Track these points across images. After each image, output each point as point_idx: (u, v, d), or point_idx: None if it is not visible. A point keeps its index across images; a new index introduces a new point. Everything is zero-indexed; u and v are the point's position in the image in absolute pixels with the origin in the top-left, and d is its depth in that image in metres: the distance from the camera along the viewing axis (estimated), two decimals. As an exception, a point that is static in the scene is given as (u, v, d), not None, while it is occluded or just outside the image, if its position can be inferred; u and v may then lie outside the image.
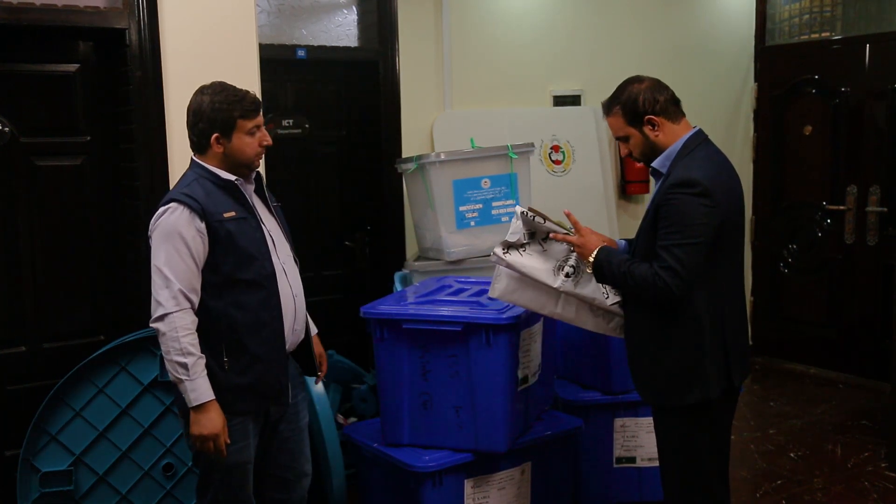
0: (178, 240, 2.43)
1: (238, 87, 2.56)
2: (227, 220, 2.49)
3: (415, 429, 3.04)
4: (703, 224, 2.32)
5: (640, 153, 2.53)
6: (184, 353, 2.40)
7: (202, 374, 2.43)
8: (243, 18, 3.34)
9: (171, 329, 2.40)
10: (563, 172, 4.99)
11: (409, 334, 2.98)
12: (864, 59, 5.24)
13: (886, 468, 4.03)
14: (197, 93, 2.55)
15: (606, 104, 2.55)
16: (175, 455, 3.12)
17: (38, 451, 2.97)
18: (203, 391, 2.42)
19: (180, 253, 2.42)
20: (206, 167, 2.54)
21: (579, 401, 3.49)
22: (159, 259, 2.44)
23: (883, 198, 5.18)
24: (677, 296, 2.33)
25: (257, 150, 2.57)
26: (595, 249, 2.49)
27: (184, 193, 2.47)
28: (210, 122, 2.50)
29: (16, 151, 3.20)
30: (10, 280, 3.23)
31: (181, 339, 2.40)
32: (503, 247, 2.63)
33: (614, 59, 5.18)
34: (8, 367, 3.23)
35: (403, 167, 4.08)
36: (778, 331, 5.81)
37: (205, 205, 2.46)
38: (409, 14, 4.42)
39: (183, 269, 2.43)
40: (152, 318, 2.44)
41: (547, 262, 2.63)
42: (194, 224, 2.44)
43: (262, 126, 2.58)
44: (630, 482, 3.56)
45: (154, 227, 2.48)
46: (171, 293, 2.41)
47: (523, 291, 2.68)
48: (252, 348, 2.51)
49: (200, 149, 2.56)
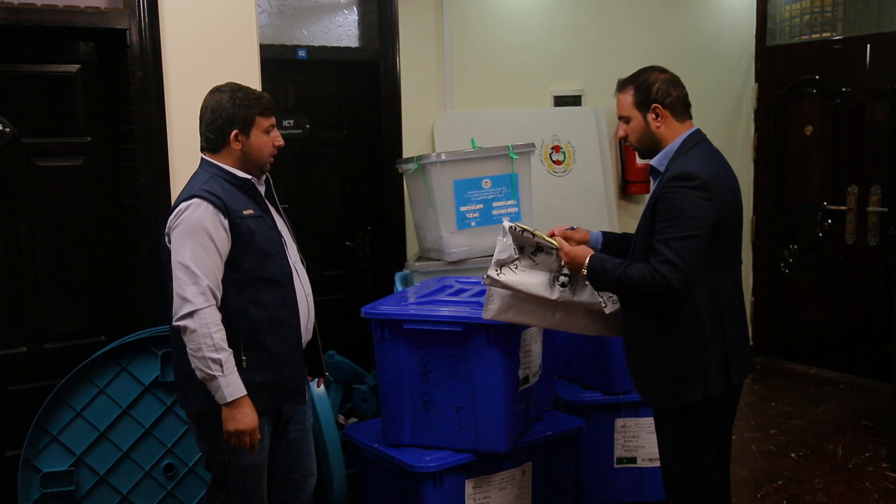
0: (204, 235, 2.40)
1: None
2: (247, 217, 2.49)
3: (415, 429, 3.04)
4: (701, 217, 2.31)
5: (636, 139, 2.52)
6: (217, 349, 2.36)
7: (234, 370, 2.41)
8: (244, 19, 3.34)
9: (203, 325, 2.35)
10: (563, 172, 4.99)
11: (409, 334, 2.98)
12: (865, 60, 5.24)
13: (887, 468, 4.02)
14: (213, 91, 2.55)
15: (622, 81, 2.55)
16: (176, 455, 3.12)
17: (39, 452, 2.97)
18: (236, 386, 2.40)
19: (206, 248, 2.40)
20: (220, 166, 2.54)
21: (580, 401, 3.49)
22: (184, 255, 2.38)
23: (884, 198, 5.18)
24: (678, 290, 2.31)
25: (271, 149, 2.58)
26: (586, 259, 2.47)
27: (204, 190, 2.44)
28: (230, 119, 2.50)
29: (16, 152, 3.20)
30: (11, 280, 3.23)
31: (213, 335, 2.36)
32: (496, 267, 2.56)
33: (615, 60, 5.18)
34: (9, 367, 3.23)
35: (404, 167, 4.08)
36: (779, 331, 5.81)
37: (226, 201, 2.45)
38: (410, 14, 4.42)
39: (209, 264, 2.40)
40: (178, 316, 2.37)
41: (541, 275, 2.59)
42: (218, 219, 2.42)
43: (276, 127, 2.60)
44: (631, 482, 3.56)
45: (176, 223, 2.43)
46: (200, 289, 2.37)
47: (518, 309, 2.65)
48: (270, 346, 2.51)
49: (216, 147, 2.54)
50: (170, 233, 2.45)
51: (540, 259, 2.58)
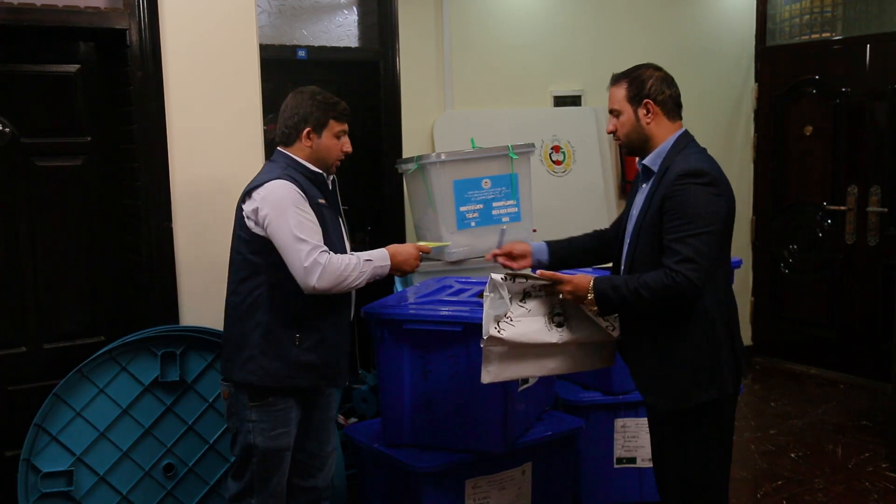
0: (295, 206, 2.54)
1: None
2: (322, 205, 2.66)
3: (415, 429, 3.04)
4: (714, 213, 2.30)
5: (625, 133, 2.50)
6: (353, 269, 2.56)
7: (369, 255, 2.63)
8: (244, 19, 3.34)
9: (334, 272, 2.52)
10: (563, 173, 4.99)
11: (409, 335, 2.98)
12: (865, 60, 5.24)
13: (887, 468, 4.03)
14: (296, 92, 2.73)
15: (616, 75, 2.54)
16: (176, 455, 3.12)
17: (39, 452, 2.97)
18: (378, 255, 2.65)
19: (303, 214, 2.54)
20: (294, 158, 2.70)
21: (580, 401, 3.49)
22: (287, 228, 2.51)
23: (883, 198, 5.18)
24: (699, 288, 2.27)
25: (339, 153, 2.75)
26: (588, 284, 2.38)
27: (286, 174, 2.60)
28: (305, 117, 2.68)
29: (16, 152, 3.20)
30: (11, 280, 3.22)
31: (342, 267, 2.53)
32: (494, 323, 2.41)
33: (615, 60, 5.13)
34: (8, 367, 3.23)
35: (404, 167, 4.08)
36: (778, 331, 5.81)
37: (304, 187, 2.61)
38: (410, 14, 4.42)
39: (310, 226, 2.55)
40: (310, 285, 2.51)
41: (537, 320, 2.48)
42: (302, 197, 2.57)
43: (347, 134, 2.75)
44: (631, 482, 3.56)
45: (265, 204, 2.54)
46: (310, 248, 2.51)
47: (517, 363, 2.51)
48: (324, 330, 2.66)
49: (289, 140, 2.71)
50: (261, 212, 2.55)
51: (531, 305, 2.48)
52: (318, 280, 2.50)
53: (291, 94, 2.74)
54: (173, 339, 3.10)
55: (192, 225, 3.25)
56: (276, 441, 2.66)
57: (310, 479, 2.87)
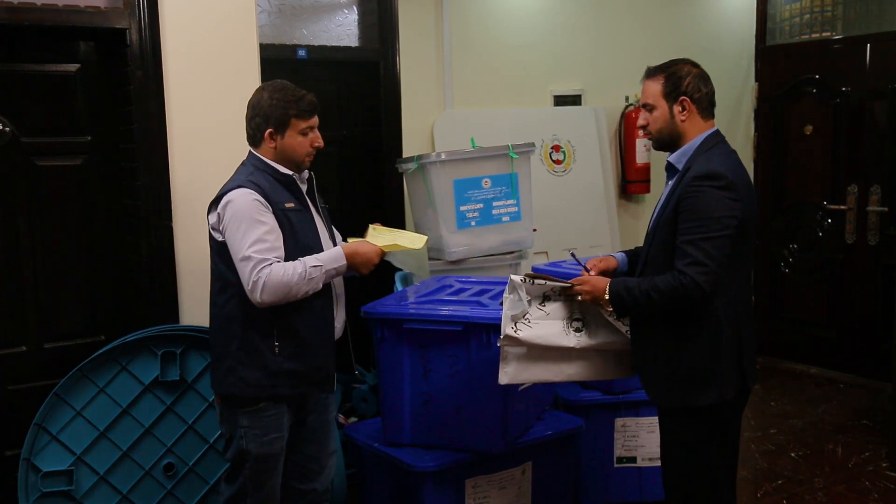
0: (254, 219, 2.48)
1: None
2: (289, 209, 2.58)
3: (415, 429, 3.04)
4: (728, 217, 2.28)
5: (657, 129, 2.47)
6: (297, 274, 2.46)
7: (317, 260, 2.53)
8: (244, 18, 3.34)
9: (276, 280, 2.44)
10: (563, 172, 4.99)
11: (409, 334, 2.98)
12: (865, 59, 5.24)
13: (887, 468, 4.02)
14: (258, 90, 2.65)
15: (652, 68, 2.51)
16: (176, 455, 3.12)
17: (39, 451, 2.97)
18: (330, 257, 2.57)
19: (260, 227, 2.48)
20: (263, 160, 2.63)
21: (580, 400, 3.49)
22: (243, 244, 2.46)
23: (884, 197, 5.18)
24: (707, 292, 2.26)
25: (308, 150, 2.65)
26: (605, 285, 2.40)
27: (249, 181, 2.54)
28: (265, 118, 2.59)
29: (16, 151, 3.20)
30: (11, 280, 3.22)
31: (284, 274, 2.45)
32: (511, 323, 2.43)
33: (615, 60, 5.19)
34: (8, 366, 3.23)
35: (404, 167, 4.08)
36: (778, 331, 5.81)
37: (268, 192, 2.54)
38: (410, 14, 4.42)
39: (268, 238, 2.49)
40: (255, 298, 2.45)
41: (555, 323, 2.50)
42: (264, 206, 2.51)
43: (316, 128, 2.66)
44: (631, 482, 3.56)
45: (226, 212, 2.50)
46: (254, 263, 2.45)
47: (535, 366, 2.52)
48: (303, 335, 2.59)
49: (255, 142, 2.65)
50: (222, 222, 2.52)
51: (550, 308, 2.50)
52: (261, 295, 2.44)
53: (255, 91, 2.65)
54: (173, 339, 3.10)
55: (191, 225, 3.25)
56: (269, 446, 2.62)
57: (308, 483, 2.84)
